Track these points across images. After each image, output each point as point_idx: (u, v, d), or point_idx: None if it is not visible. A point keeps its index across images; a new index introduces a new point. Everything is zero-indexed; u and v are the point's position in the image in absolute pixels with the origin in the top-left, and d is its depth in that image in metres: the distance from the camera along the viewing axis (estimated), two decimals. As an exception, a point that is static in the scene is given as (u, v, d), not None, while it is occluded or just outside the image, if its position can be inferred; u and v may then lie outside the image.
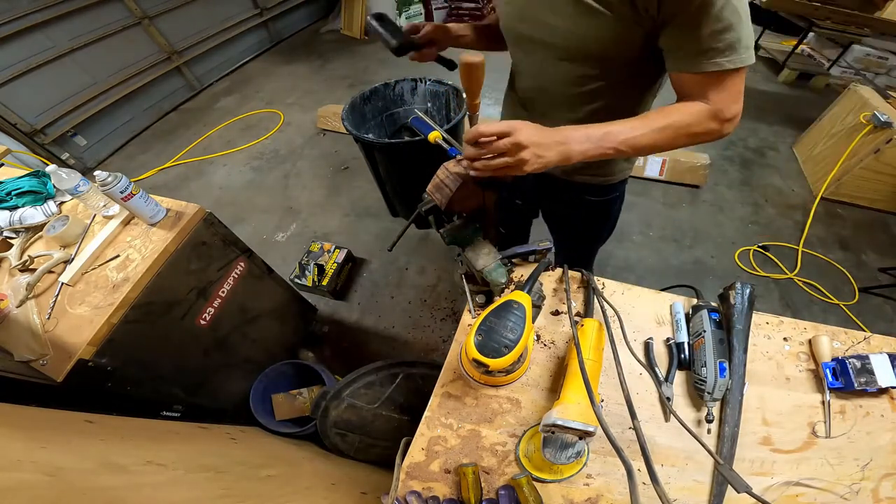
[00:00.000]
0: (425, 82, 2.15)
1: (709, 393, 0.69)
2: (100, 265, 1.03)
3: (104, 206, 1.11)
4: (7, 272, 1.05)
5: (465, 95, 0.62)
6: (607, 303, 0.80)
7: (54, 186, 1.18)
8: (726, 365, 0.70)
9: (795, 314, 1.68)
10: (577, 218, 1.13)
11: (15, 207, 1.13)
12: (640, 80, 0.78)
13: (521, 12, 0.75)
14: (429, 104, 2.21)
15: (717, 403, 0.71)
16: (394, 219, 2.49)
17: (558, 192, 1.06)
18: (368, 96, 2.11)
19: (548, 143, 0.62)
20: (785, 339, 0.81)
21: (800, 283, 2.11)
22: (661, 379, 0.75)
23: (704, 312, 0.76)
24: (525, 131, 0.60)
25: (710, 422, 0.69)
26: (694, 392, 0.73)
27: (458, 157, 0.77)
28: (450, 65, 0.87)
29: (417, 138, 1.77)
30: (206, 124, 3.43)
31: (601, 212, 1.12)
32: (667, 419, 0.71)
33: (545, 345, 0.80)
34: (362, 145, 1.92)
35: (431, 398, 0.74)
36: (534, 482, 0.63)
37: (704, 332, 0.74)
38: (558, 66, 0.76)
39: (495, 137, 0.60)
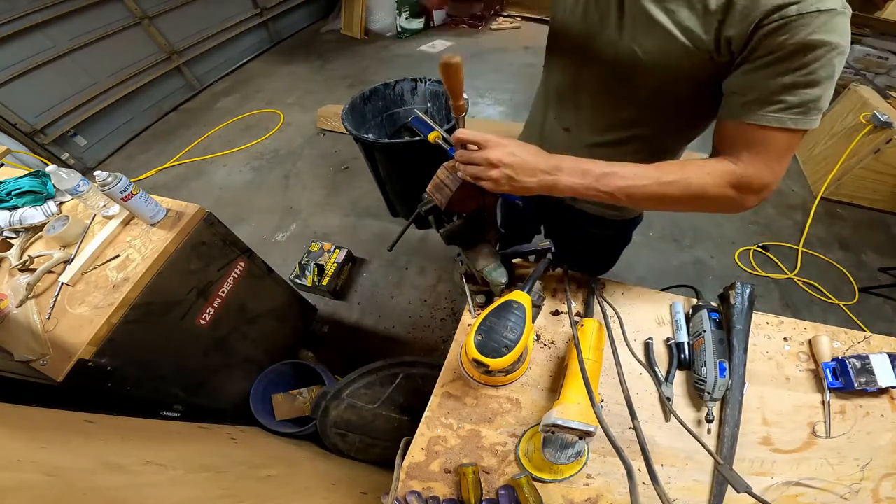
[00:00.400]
0: (425, 82, 2.15)
1: (709, 393, 0.69)
2: (100, 265, 1.03)
3: (104, 206, 1.11)
4: (7, 272, 1.05)
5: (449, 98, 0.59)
6: (607, 303, 0.80)
7: (54, 186, 1.18)
8: (726, 365, 0.70)
9: (795, 314, 1.68)
10: (576, 244, 1.04)
11: (15, 207, 1.13)
12: (680, 122, 0.71)
13: (584, 13, 0.66)
14: (429, 104, 2.21)
15: (717, 403, 0.71)
16: (394, 219, 2.49)
17: (559, 212, 0.99)
18: (368, 96, 2.11)
19: (529, 169, 0.57)
20: (785, 339, 0.81)
21: (800, 283, 2.11)
22: (661, 379, 0.75)
23: (704, 312, 0.76)
24: (500, 150, 0.56)
25: (710, 422, 0.69)
26: (694, 392, 0.73)
27: (458, 157, 0.77)
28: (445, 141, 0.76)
29: (417, 138, 1.77)
30: (206, 124, 3.43)
31: (602, 246, 1.05)
32: (667, 419, 0.71)
33: (545, 345, 0.80)
34: (362, 145, 1.92)
35: (431, 398, 0.74)
36: (534, 482, 0.63)
37: (704, 332, 0.74)
38: (601, 82, 0.69)
39: (475, 147, 0.58)
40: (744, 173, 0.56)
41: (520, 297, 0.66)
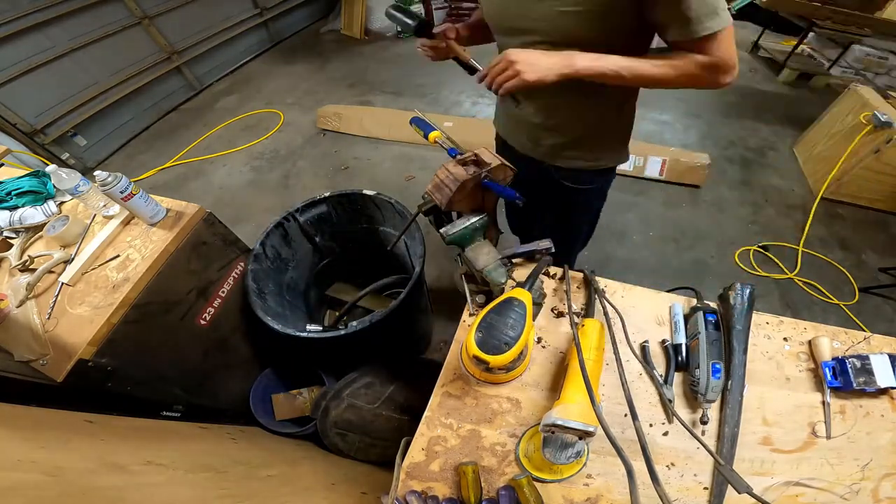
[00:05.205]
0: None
1: (702, 394, 0.69)
2: (100, 265, 1.03)
3: (104, 206, 1.11)
4: (7, 272, 1.05)
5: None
6: (609, 303, 0.80)
7: (54, 186, 1.18)
8: (720, 366, 0.70)
9: (795, 314, 1.68)
10: (557, 206, 1.15)
11: (15, 207, 1.12)
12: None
13: (504, 4, 0.82)
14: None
15: (715, 404, 0.71)
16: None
17: (540, 173, 1.07)
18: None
19: (541, 59, 0.74)
20: (785, 339, 0.81)
21: (800, 283, 2.11)
22: (661, 381, 0.74)
23: (700, 314, 0.76)
24: (514, 51, 0.75)
25: (704, 423, 0.69)
26: (691, 393, 0.73)
27: (458, 156, 0.77)
28: (470, 70, 0.93)
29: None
30: (207, 124, 3.43)
31: (578, 203, 1.13)
32: (669, 420, 0.71)
33: (545, 345, 0.80)
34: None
35: (431, 398, 0.74)
36: (534, 482, 0.63)
37: (699, 333, 0.74)
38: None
39: (495, 64, 0.77)
40: (718, 61, 0.73)
41: (521, 294, 0.66)
